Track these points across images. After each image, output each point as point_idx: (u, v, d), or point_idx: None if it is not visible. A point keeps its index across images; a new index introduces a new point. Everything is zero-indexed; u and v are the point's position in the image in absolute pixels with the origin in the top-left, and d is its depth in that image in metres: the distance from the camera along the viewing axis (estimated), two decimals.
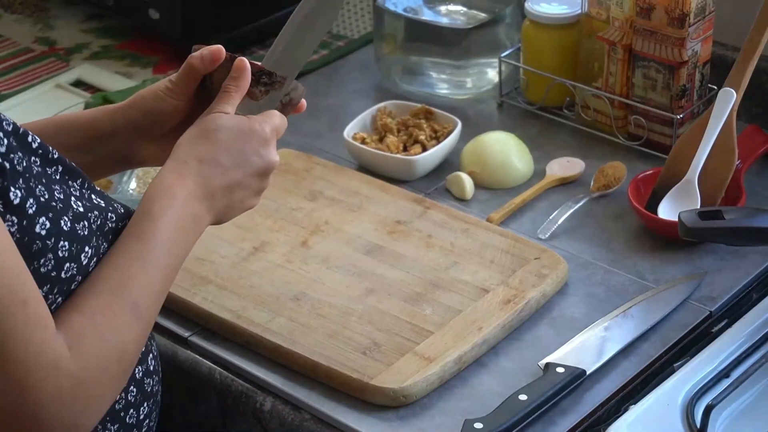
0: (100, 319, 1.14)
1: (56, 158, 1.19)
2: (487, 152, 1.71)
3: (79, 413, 1.11)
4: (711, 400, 1.28)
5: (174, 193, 1.22)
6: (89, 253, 1.17)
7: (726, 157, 1.60)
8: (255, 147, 1.27)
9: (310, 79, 1.97)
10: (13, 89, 1.97)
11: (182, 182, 1.23)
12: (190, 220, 1.23)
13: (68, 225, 1.14)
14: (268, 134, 1.28)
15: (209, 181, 1.25)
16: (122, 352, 1.14)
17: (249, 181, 1.28)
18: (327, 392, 1.39)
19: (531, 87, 1.84)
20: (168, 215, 1.21)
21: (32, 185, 1.12)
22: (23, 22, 2.16)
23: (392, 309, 1.46)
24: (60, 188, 1.17)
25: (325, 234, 1.59)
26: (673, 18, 1.64)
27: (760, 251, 1.56)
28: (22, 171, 1.11)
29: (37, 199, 1.12)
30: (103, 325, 1.14)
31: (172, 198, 1.22)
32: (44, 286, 1.12)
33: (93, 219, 1.18)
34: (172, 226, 1.21)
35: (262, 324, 1.45)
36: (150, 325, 1.19)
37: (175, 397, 1.47)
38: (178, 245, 1.22)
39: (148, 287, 1.18)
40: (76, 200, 1.17)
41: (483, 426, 1.30)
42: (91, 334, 1.13)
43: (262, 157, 1.28)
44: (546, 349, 1.43)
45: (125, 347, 1.15)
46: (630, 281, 1.53)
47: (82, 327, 1.13)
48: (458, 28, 1.88)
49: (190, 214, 1.23)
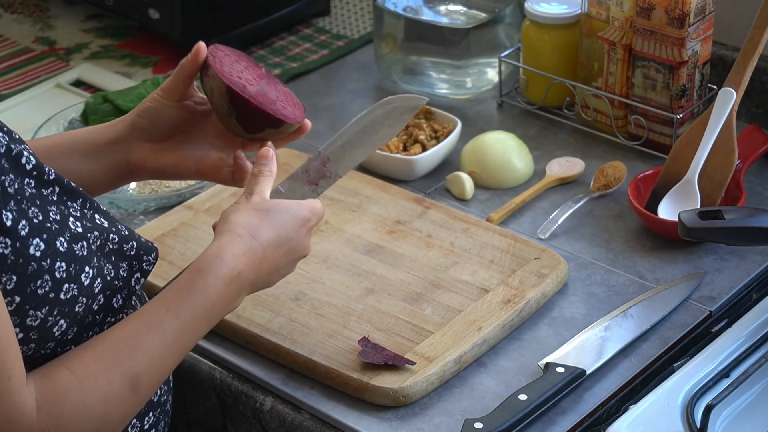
0: (89, 384, 1.10)
1: (53, 179, 1.17)
2: (487, 152, 1.71)
3: None
4: (711, 400, 1.28)
5: (224, 262, 1.19)
6: (90, 273, 1.15)
7: (726, 157, 1.60)
8: (304, 234, 1.27)
9: (310, 79, 1.97)
10: (13, 89, 1.97)
11: (233, 250, 1.20)
12: (228, 300, 1.20)
13: (65, 246, 1.13)
14: (313, 223, 1.28)
15: (260, 262, 1.22)
16: (103, 422, 1.10)
17: (288, 267, 1.27)
18: (327, 392, 1.39)
19: (531, 87, 1.84)
20: (209, 290, 1.18)
21: (24, 207, 1.10)
22: (23, 22, 2.16)
23: (392, 309, 1.46)
24: (56, 209, 1.15)
25: (324, 234, 1.59)
26: (673, 18, 1.64)
27: (760, 251, 1.56)
28: (13, 193, 1.10)
29: (29, 221, 1.10)
30: (92, 391, 1.10)
31: (219, 269, 1.19)
32: (43, 307, 1.10)
33: (93, 239, 1.17)
34: (210, 302, 1.18)
35: (262, 324, 1.45)
36: (145, 401, 1.15)
37: (175, 397, 1.47)
38: (205, 325, 1.19)
39: (157, 362, 1.14)
40: (75, 220, 1.16)
41: (483, 426, 1.30)
42: (75, 397, 1.09)
43: (306, 246, 1.28)
44: (546, 349, 1.43)
45: (108, 418, 1.11)
46: (630, 281, 1.53)
47: (66, 388, 1.09)
48: (458, 28, 1.88)
49: (231, 294, 1.20)
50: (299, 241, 1.27)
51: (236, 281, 1.20)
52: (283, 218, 1.26)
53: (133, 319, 1.16)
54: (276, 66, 1.97)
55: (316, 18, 2.14)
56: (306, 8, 2.11)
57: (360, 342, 1.40)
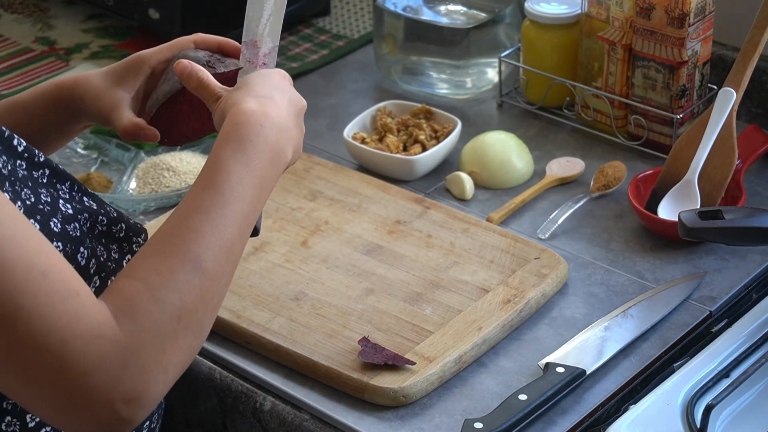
0: (153, 280, 1.08)
1: (42, 161, 1.17)
2: (487, 152, 1.71)
3: (136, 380, 1.05)
4: (711, 400, 1.28)
5: (237, 125, 1.18)
6: (85, 254, 1.16)
7: (726, 157, 1.60)
8: (288, 86, 1.26)
9: (310, 79, 1.97)
10: (13, 89, 1.97)
11: (237, 110, 1.19)
12: (270, 154, 1.18)
13: (59, 226, 1.13)
14: (288, 80, 1.27)
15: (266, 104, 1.21)
16: (181, 310, 1.08)
17: (297, 119, 1.25)
18: (327, 392, 1.39)
19: (531, 87, 1.84)
20: (236, 154, 1.16)
21: (18, 188, 1.11)
22: (23, 22, 2.16)
23: (392, 309, 1.46)
24: (47, 191, 1.15)
25: (324, 234, 1.59)
26: (673, 18, 1.64)
27: (760, 251, 1.56)
28: (7, 174, 1.10)
29: (23, 202, 1.11)
30: (157, 285, 1.08)
31: (234, 133, 1.17)
32: None
33: (83, 221, 1.17)
34: (241, 165, 1.16)
35: (262, 324, 1.45)
36: (222, 278, 1.12)
37: (175, 397, 1.47)
38: (250, 188, 1.16)
39: (212, 239, 1.12)
40: (64, 203, 1.16)
41: (483, 426, 1.30)
42: (144, 296, 1.07)
43: (298, 95, 1.27)
44: (546, 349, 1.43)
45: (184, 305, 1.09)
46: (630, 281, 1.53)
47: (132, 291, 1.08)
48: (458, 28, 1.88)
49: (272, 146, 1.18)
50: (288, 89, 1.26)
51: (254, 131, 1.18)
52: (261, 80, 1.25)
53: (176, 210, 1.14)
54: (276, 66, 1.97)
55: (316, 18, 2.14)
56: (306, 8, 2.11)
57: (360, 342, 1.40)
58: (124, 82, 1.34)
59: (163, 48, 1.36)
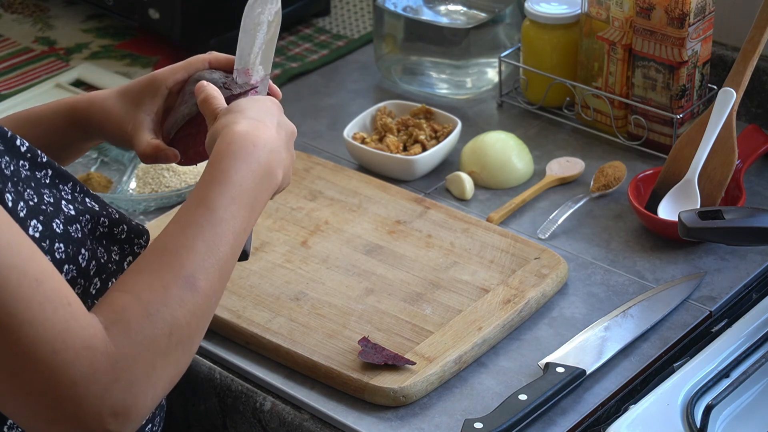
0: (146, 295, 1.09)
1: (45, 162, 1.17)
2: (487, 152, 1.71)
3: (126, 393, 1.05)
4: (711, 400, 1.28)
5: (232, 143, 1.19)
6: (86, 255, 1.16)
7: (726, 157, 1.60)
8: (280, 114, 1.27)
9: (310, 79, 1.97)
10: (13, 89, 1.97)
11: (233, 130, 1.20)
12: (261, 174, 1.19)
13: (61, 227, 1.14)
14: (279, 108, 1.28)
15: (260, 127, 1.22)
16: (173, 326, 1.09)
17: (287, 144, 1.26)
18: (327, 392, 1.39)
19: (531, 87, 1.84)
20: (229, 172, 1.17)
21: (20, 189, 1.11)
22: (23, 22, 2.16)
23: (392, 309, 1.46)
24: (49, 192, 1.16)
25: (324, 234, 1.59)
26: (673, 18, 1.64)
27: (760, 251, 1.56)
28: (9, 175, 1.10)
29: (26, 203, 1.11)
30: (150, 300, 1.08)
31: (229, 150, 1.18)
32: None
33: (85, 222, 1.17)
34: (234, 183, 1.17)
35: (262, 324, 1.45)
36: (213, 296, 1.13)
37: (175, 397, 1.47)
38: (241, 208, 1.17)
39: (205, 258, 1.12)
40: (67, 204, 1.17)
41: (483, 426, 1.30)
42: (136, 311, 1.07)
43: (289, 123, 1.27)
44: (546, 349, 1.43)
45: (176, 322, 1.09)
46: (630, 281, 1.53)
47: (125, 305, 1.08)
48: (458, 28, 1.88)
49: (249, 163, 1.19)
50: (279, 115, 1.26)
51: (246, 151, 1.19)
52: (255, 105, 1.25)
53: (169, 226, 1.15)
54: (276, 66, 1.97)
55: (316, 18, 2.14)
56: (306, 8, 2.11)
57: (360, 342, 1.40)
58: (141, 103, 1.34)
59: (179, 68, 1.35)
